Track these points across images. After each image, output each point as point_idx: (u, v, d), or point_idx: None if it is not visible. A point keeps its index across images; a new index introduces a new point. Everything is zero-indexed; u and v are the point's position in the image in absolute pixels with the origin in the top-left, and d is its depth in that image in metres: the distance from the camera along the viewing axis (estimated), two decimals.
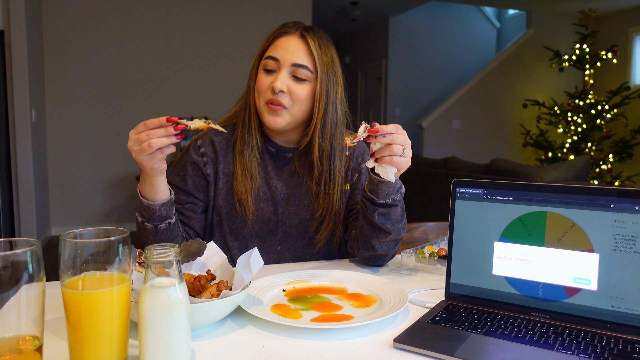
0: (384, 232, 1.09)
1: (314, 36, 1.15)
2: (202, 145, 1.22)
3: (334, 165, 1.20)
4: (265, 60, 1.15)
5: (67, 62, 4.93)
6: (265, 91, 1.14)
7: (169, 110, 5.30)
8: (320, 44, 1.15)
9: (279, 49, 1.14)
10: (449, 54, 7.78)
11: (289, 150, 1.23)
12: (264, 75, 1.15)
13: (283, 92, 1.12)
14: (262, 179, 1.22)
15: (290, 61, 1.13)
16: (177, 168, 1.24)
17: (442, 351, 0.70)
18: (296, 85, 1.13)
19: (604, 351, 0.70)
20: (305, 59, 1.13)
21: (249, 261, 0.83)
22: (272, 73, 1.14)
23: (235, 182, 1.19)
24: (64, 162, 5.01)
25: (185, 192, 1.20)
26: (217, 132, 1.23)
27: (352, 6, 6.89)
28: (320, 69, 1.14)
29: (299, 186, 1.23)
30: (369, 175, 1.06)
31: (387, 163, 0.97)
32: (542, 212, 0.84)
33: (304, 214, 1.22)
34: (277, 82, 1.11)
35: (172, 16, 5.25)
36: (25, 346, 0.59)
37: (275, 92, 1.12)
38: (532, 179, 3.30)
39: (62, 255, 0.62)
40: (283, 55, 1.13)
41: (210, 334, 0.78)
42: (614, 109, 6.43)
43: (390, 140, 0.95)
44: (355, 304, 0.91)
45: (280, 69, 1.13)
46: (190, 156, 1.22)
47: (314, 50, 1.14)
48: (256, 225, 1.21)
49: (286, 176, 1.23)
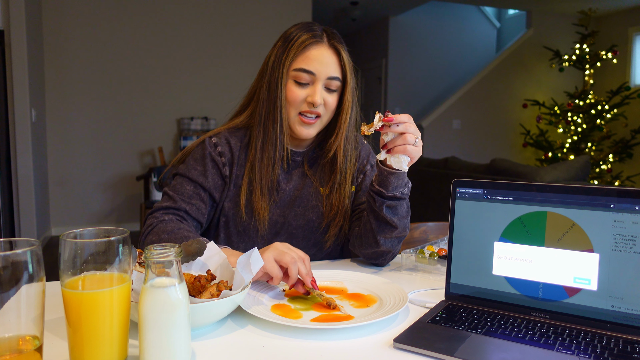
0: (390, 227, 1.10)
1: (341, 45, 1.16)
2: (219, 144, 1.19)
3: (348, 165, 1.23)
4: (298, 72, 1.12)
5: (67, 62, 4.93)
6: (300, 104, 1.13)
7: (169, 109, 5.31)
8: (347, 51, 1.17)
9: (313, 61, 1.12)
10: (449, 54, 7.78)
11: (299, 154, 1.23)
12: (296, 88, 1.13)
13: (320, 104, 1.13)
14: None
15: (327, 75, 1.13)
16: (191, 161, 1.19)
17: (442, 351, 0.70)
18: (329, 96, 1.14)
19: (604, 351, 0.70)
20: (338, 70, 1.15)
21: (249, 261, 0.83)
22: (305, 86, 1.13)
23: (254, 195, 1.17)
24: (64, 162, 5.01)
25: (204, 188, 1.17)
26: (231, 130, 1.21)
27: (352, 6, 6.89)
28: (349, 77, 1.16)
29: (306, 188, 1.23)
30: (379, 168, 1.07)
31: (401, 152, 1.00)
32: (542, 212, 0.84)
33: (310, 215, 1.22)
34: (316, 96, 1.12)
35: (173, 16, 5.25)
36: (25, 346, 0.59)
37: (316, 107, 1.12)
38: (532, 179, 3.30)
39: (62, 255, 0.62)
40: (319, 69, 1.12)
41: (210, 334, 0.78)
42: (614, 109, 6.43)
43: (403, 129, 0.99)
44: (355, 304, 0.91)
45: (316, 83, 1.13)
46: (207, 151, 1.18)
47: (346, 61, 1.15)
48: (265, 228, 1.20)
49: (295, 178, 1.23)
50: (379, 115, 0.98)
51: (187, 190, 1.16)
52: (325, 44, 1.14)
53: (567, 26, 7.25)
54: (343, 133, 1.18)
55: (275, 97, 1.14)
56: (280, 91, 1.13)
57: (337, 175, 1.21)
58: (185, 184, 1.17)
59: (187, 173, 1.17)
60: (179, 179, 1.18)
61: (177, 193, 1.15)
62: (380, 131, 1.01)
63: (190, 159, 1.20)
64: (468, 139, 7.20)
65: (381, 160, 1.04)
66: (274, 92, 1.14)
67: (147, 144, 5.29)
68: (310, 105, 1.13)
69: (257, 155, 1.17)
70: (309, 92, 1.13)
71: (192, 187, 1.16)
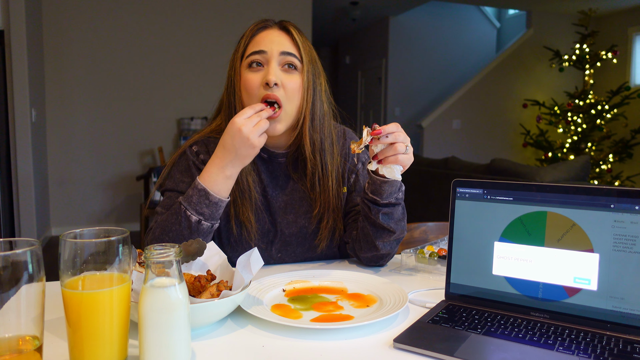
0: (388, 232, 1.09)
1: (293, 26, 1.13)
2: (200, 152, 1.15)
3: (326, 159, 1.16)
4: (251, 56, 1.08)
5: (67, 62, 4.93)
6: (257, 89, 1.07)
7: (169, 109, 5.31)
8: (300, 33, 1.13)
9: (263, 41, 1.08)
10: (449, 54, 7.78)
11: (281, 156, 1.18)
12: (250, 74, 1.08)
13: (277, 85, 1.05)
14: (259, 189, 1.17)
15: (279, 50, 1.07)
16: (177, 174, 1.15)
17: (442, 351, 0.70)
18: (287, 77, 1.07)
19: (604, 351, 0.70)
20: (292, 47, 1.09)
21: (249, 261, 0.83)
22: (259, 69, 1.08)
23: (235, 205, 1.12)
24: (64, 162, 5.01)
25: None
26: (209, 138, 1.17)
27: (352, 6, 6.89)
28: (305, 58, 1.10)
29: (295, 192, 1.19)
30: (370, 176, 1.05)
31: (392, 162, 0.98)
32: (542, 212, 0.84)
33: (302, 221, 1.19)
34: (270, 74, 1.05)
35: (173, 16, 5.25)
36: (25, 346, 0.59)
37: (270, 86, 1.04)
38: (532, 179, 3.30)
39: (62, 255, 0.62)
40: (270, 46, 1.07)
41: (210, 334, 0.78)
42: (614, 109, 6.43)
43: (393, 139, 0.96)
44: (355, 304, 0.91)
45: (270, 61, 1.07)
46: (190, 161, 1.15)
47: (298, 39, 1.11)
48: (256, 237, 1.17)
49: (281, 182, 1.19)
50: (367, 129, 0.96)
51: None
52: (274, 26, 1.12)
53: (567, 26, 7.25)
54: (307, 121, 1.11)
55: (234, 93, 1.11)
56: (238, 83, 1.10)
57: (309, 168, 1.15)
58: (174, 198, 1.12)
59: (176, 187, 1.13)
60: (169, 194, 1.14)
61: None
62: (371, 144, 0.98)
63: (176, 172, 1.15)
64: (468, 139, 7.20)
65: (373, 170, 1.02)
66: (231, 88, 1.12)
67: (147, 144, 5.29)
68: (266, 88, 1.05)
69: None
70: (264, 74, 1.07)
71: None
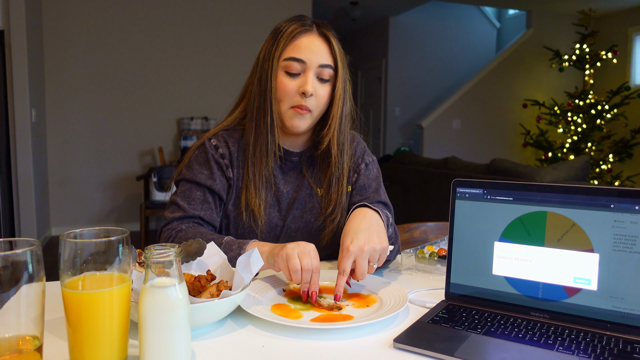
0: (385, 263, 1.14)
1: (331, 33, 1.13)
2: (219, 146, 1.17)
3: (344, 159, 1.20)
4: (288, 62, 1.09)
5: (67, 62, 4.93)
6: (292, 95, 1.09)
7: (169, 109, 5.31)
8: (338, 42, 1.13)
9: (303, 50, 1.09)
10: (449, 54, 7.78)
11: (295, 155, 1.21)
12: (287, 79, 1.09)
13: (312, 95, 1.09)
14: (272, 185, 1.19)
15: (318, 62, 1.09)
16: (196, 165, 1.17)
17: (442, 351, 0.70)
18: (320, 87, 1.11)
19: (604, 351, 0.70)
20: (330, 58, 1.11)
21: (249, 261, 0.83)
22: (296, 76, 1.09)
23: (248, 192, 1.14)
24: (64, 162, 5.01)
25: (213, 191, 1.15)
26: (228, 132, 1.20)
27: (352, 6, 6.89)
28: (340, 66, 1.12)
29: (303, 189, 1.21)
30: None
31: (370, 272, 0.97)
32: (542, 212, 0.84)
33: (308, 216, 1.21)
34: (307, 85, 1.07)
35: (173, 16, 5.25)
36: (25, 346, 0.59)
37: (307, 97, 1.08)
38: (532, 179, 3.30)
39: (62, 255, 0.62)
40: (309, 57, 1.08)
41: (210, 334, 0.78)
42: (614, 109, 6.43)
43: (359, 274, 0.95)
44: (355, 304, 0.91)
45: (307, 72, 1.09)
46: (209, 154, 1.16)
47: (337, 49, 1.12)
48: (264, 231, 1.19)
49: (292, 179, 1.21)
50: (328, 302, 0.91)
51: (197, 196, 1.14)
52: (315, 32, 1.12)
53: (567, 26, 7.25)
54: (336, 124, 1.15)
55: (266, 90, 1.11)
56: (271, 83, 1.10)
57: (332, 169, 1.19)
58: (193, 189, 1.15)
59: (194, 178, 1.15)
60: (187, 185, 1.16)
61: (187, 201, 1.14)
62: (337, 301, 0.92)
63: (194, 164, 1.17)
64: (468, 139, 7.20)
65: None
66: (264, 85, 1.11)
67: (147, 144, 5.29)
68: (302, 97, 1.08)
69: (250, 150, 1.14)
70: (300, 83, 1.09)
71: (201, 193, 1.14)
